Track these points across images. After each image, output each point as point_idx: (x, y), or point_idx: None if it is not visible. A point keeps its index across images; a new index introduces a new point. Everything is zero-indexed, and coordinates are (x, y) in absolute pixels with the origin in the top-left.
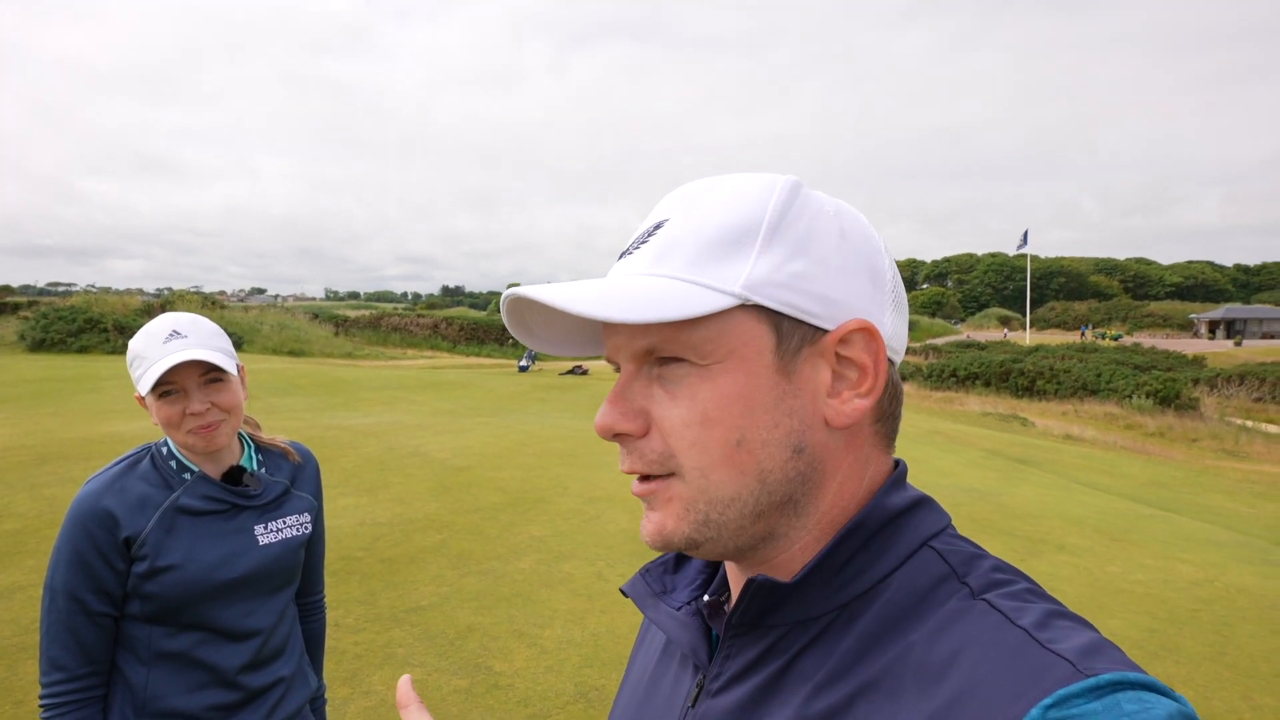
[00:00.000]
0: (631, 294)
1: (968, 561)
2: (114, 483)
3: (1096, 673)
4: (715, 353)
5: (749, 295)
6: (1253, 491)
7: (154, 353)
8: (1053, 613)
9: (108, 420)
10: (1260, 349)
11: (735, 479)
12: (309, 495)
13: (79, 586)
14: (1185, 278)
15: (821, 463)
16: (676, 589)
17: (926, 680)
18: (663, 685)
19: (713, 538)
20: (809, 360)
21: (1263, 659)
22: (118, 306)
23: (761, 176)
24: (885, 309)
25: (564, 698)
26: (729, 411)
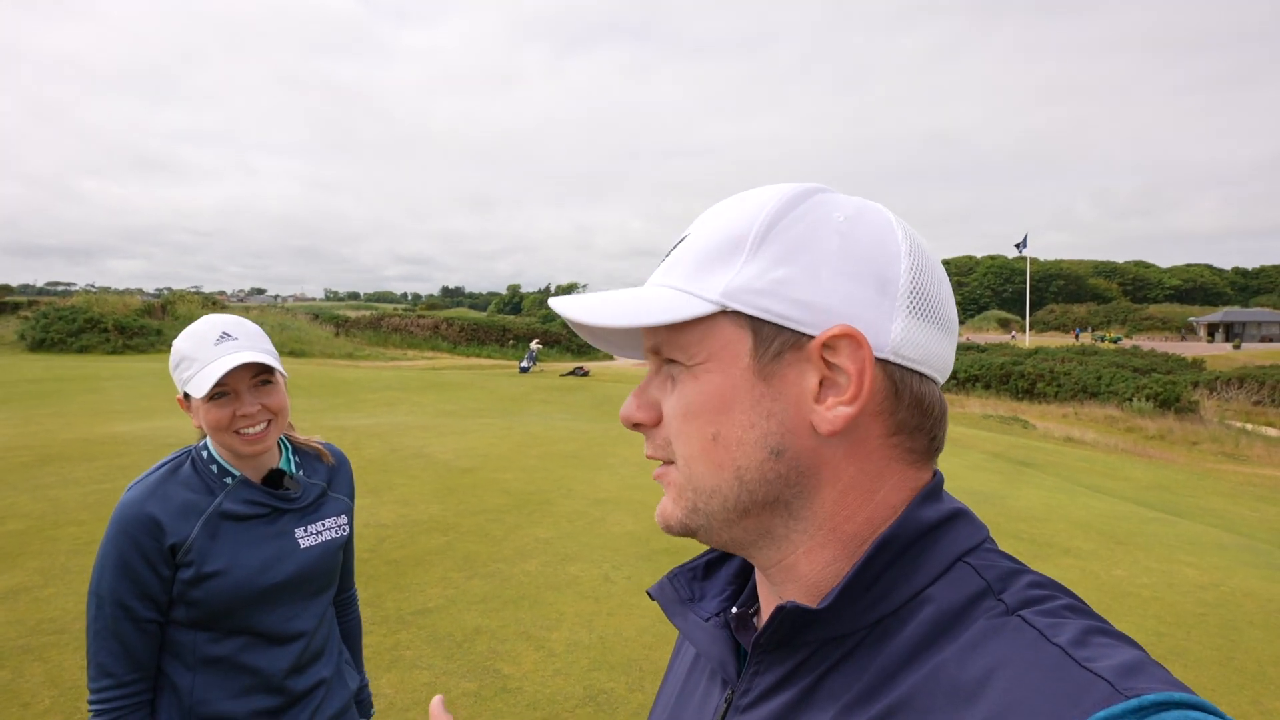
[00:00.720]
0: (633, 303)
1: (1005, 577)
2: (157, 489)
3: (1138, 693)
4: (699, 354)
5: (726, 302)
6: (1255, 495)
7: (205, 354)
8: (1092, 629)
9: (109, 421)
10: (1259, 352)
11: (714, 472)
12: (344, 497)
13: (125, 593)
14: (1184, 281)
15: (810, 468)
16: (705, 597)
17: (959, 701)
18: (694, 697)
19: (704, 526)
20: (793, 365)
21: (1271, 663)
22: (118, 306)
23: (772, 188)
24: (894, 316)
25: (573, 701)
26: (706, 408)
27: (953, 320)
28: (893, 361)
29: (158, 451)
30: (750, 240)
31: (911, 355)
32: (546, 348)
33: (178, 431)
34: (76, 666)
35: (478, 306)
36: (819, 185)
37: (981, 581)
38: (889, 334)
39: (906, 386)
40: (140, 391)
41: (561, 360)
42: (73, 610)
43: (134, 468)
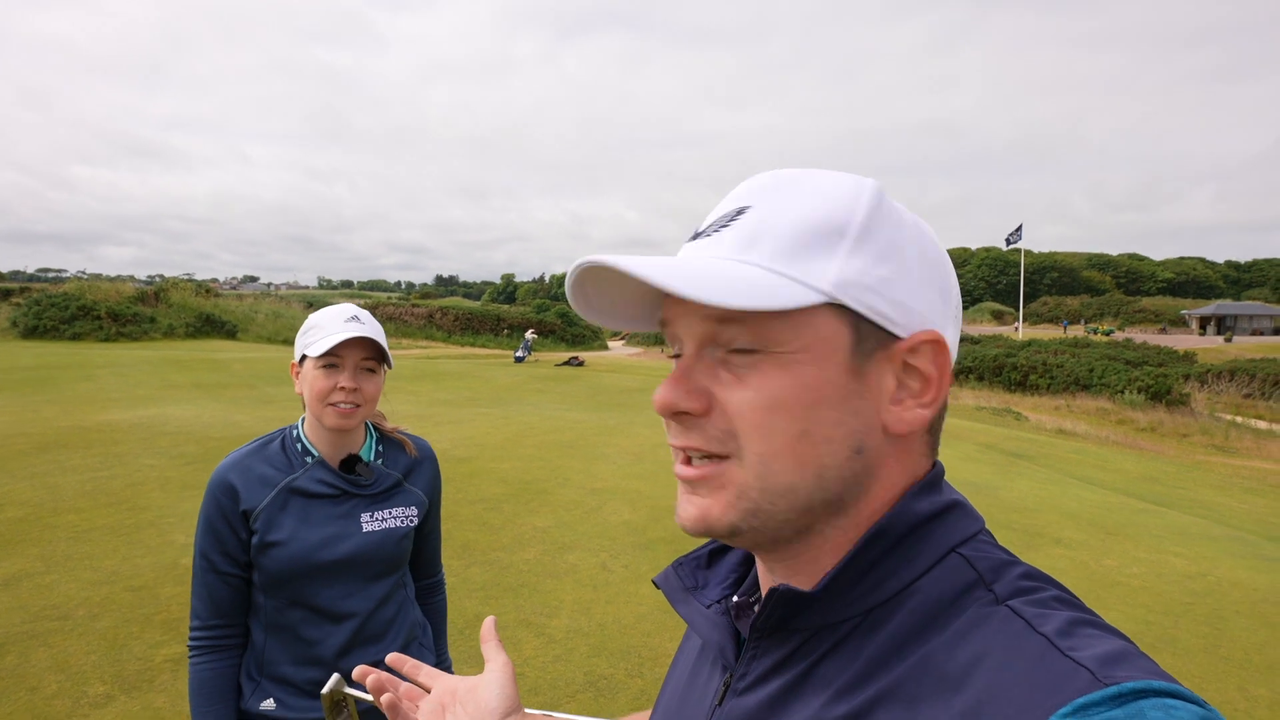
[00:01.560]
0: (723, 279)
1: (996, 568)
2: (243, 460)
3: (1117, 681)
4: (792, 344)
5: (836, 295)
6: (1243, 487)
7: (333, 327)
8: (1078, 620)
9: (104, 409)
10: (1250, 345)
11: (794, 470)
12: (420, 491)
13: (209, 548)
14: (1177, 274)
15: (875, 467)
16: (708, 585)
17: (946, 688)
18: (697, 682)
19: (756, 528)
20: (879, 365)
21: (1256, 651)
22: (111, 294)
23: (847, 176)
24: (949, 324)
25: (573, 686)
26: (798, 401)
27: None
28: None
29: (154, 439)
30: (854, 232)
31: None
32: (541, 337)
33: (173, 419)
34: (81, 651)
35: (472, 296)
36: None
37: (973, 573)
38: (950, 340)
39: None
40: (135, 379)
41: (556, 350)
42: (75, 596)
43: (130, 455)
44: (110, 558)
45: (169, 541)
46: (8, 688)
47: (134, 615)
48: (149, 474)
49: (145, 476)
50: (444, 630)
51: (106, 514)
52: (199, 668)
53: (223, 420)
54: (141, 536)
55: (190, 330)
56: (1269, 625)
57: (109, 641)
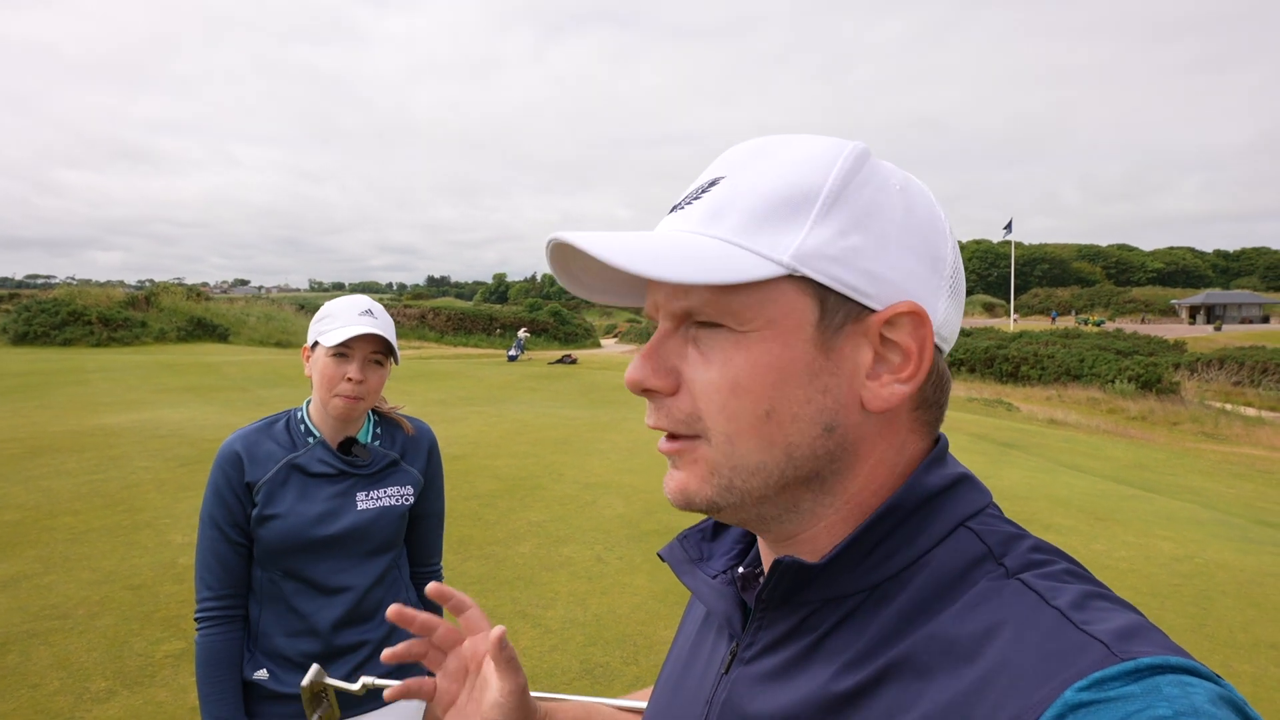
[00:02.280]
0: (679, 252)
1: (1006, 542)
2: (250, 435)
3: (1133, 656)
4: (754, 320)
5: (797, 266)
6: (1232, 472)
7: (347, 318)
8: (1091, 594)
9: (97, 413)
10: (1239, 333)
11: (761, 449)
12: (416, 470)
13: (219, 517)
14: (1167, 264)
15: (853, 444)
16: (714, 557)
17: (957, 659)
18: (702, 651)
19: (735, 503)
20: (851, 339)
21: (1240, 629)
22: (101, 299)
23: (826, 140)
24: (940, 295)
25: (569, 675)
26: (761, 381)
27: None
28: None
29: (148, 443)
30: (822, 199)
31: (945, 334)
32: (534, 336)
33: (167, 422)
34: (82, 650)
35: (464, 296)
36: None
37: (983, 546)
38: (937, 313)
39: (935, 363)
40: (127, 384)
41: (549, 348)
42: (75, 597)
43: (125, 459)
44: (108, 558)
45: (166, 541)
46: (10, 686)
47: (134, 613)
48: (144, 476)
49: (141, 478)
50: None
51: (103, 516)
52: (210, 638)
53: (216, 423)
54: (139, 537)
55: (182, 334)
56: (1254, 605)
57: (109, 639)
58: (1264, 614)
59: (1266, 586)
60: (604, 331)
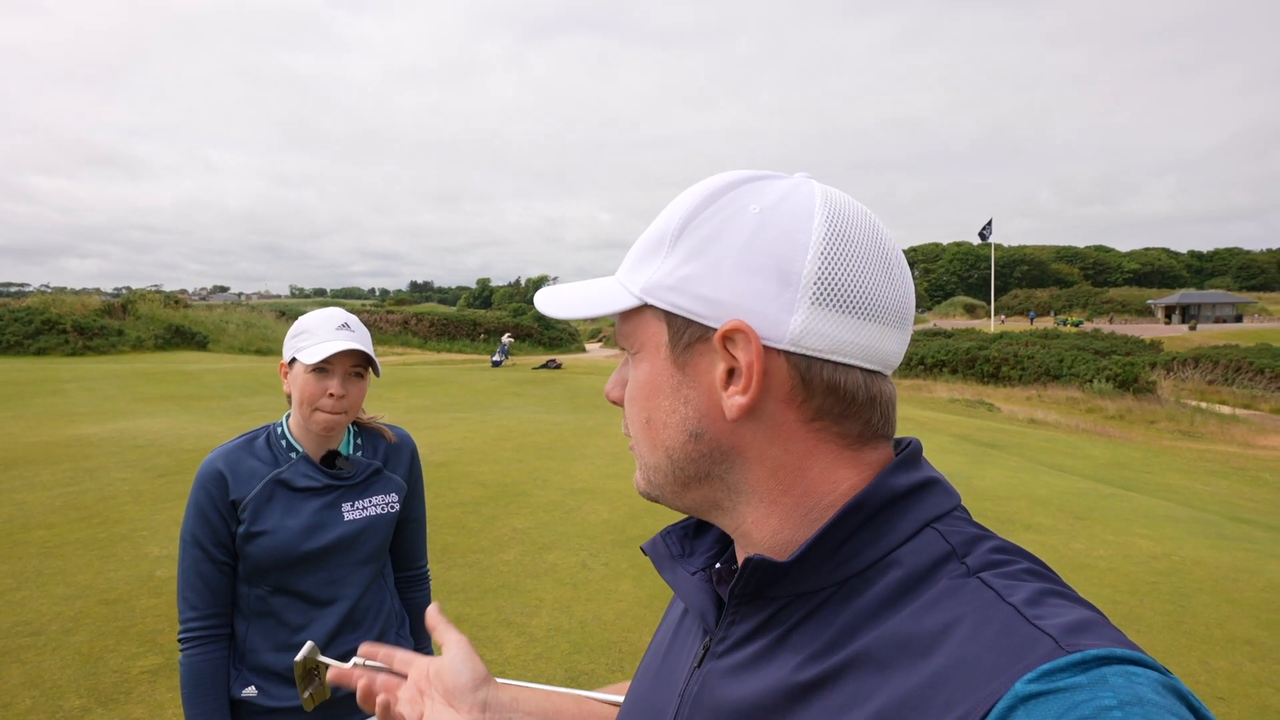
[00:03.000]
0: (580, 295)
1: (969, 542)
2: (232, 452)
3: (1081, 648)
4: (634, 344)
5: (644, 296)
6: (1207, 470)
7: (325, 333)
8: (1047, 591)
9: (73, 423)
10: (1214, 333)
11: (651, 451)
12: (399, 477)
13: (202, 536)
14: (1143, 264)
15: (731, 449)
16: (695, 554)
17: (915, 654)
18: (678, 645)
19: (659, 496)
20: (704, 356)
21: (1216, 626)
22: (76, 307)
23: (712, 178)
24: (794, 308)
25: (554, 682)
26: (641, 394)
27: (884, 308)
28: (795, 352)
29: (125, 453)
30: (669, 236)
31: (817, 345)
32: (518, 341)
33: (145, 432)
34: (55, 668)
35: (447, 301)
36: (758, 173)
37: (947, 546)
38: (788, 326)
39: (815, 376)
40: (104, 393)
41: (534, 353)
42: (48, 612)
43: (101, 470)
44: (83, 572)
45: (143, 554)
46: None
47: (109, 628)
48: (121, 487)
49: (117, 490)
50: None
51: (78, 528)
52: (195, 659)
53: (196, 432)
54: (115, 550)
55: (160, 342)
56: (1230, 601)
57: (84, 655)
58: (1239, 610)
59: (1241, 582)
60: (588, 336)
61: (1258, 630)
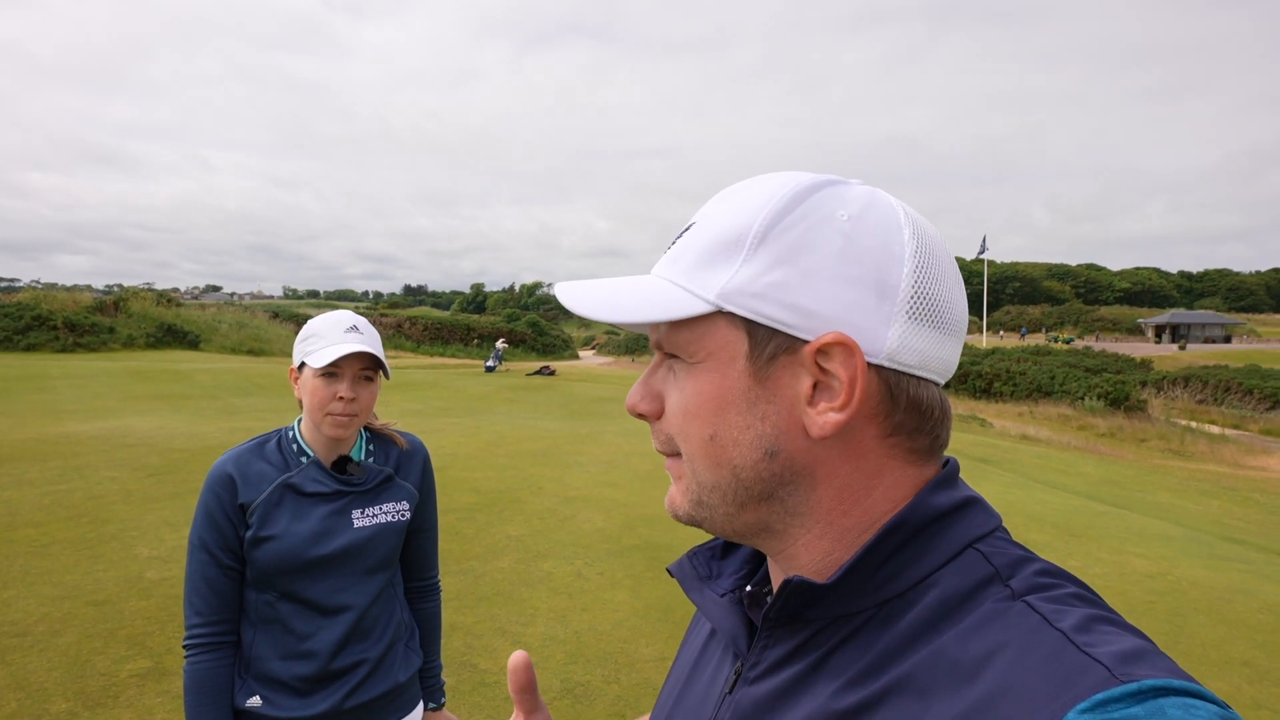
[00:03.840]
0: (630, 296)
1: (1014, 564)
2: (242, 456)
3: (1136, 678)
4: (698, 353)
5: (722, 303)
6: (1199, 489)
7: (333, 336)
8: (1096, 617)
9: (61, 420)
10: (1203, 353)
11: (712, 469)
12: (411, 485)
13: (210, 540)
14: (1133, 283)
15: (805, 468)
16: (722, 575)
17: (959, 679)
18: (705, 670)
19: (707, 518)
20: (788, 369)
21: (1213, 647)
22: (67, 303)
23: (779, 178)
24: (891, 322)
25: (550, 694)
26: (705, 408)
27: (959, 321)
28: (888, 367)
29: (115, 451)
30: (750, 239)
31: (908, 360)
32: (512, 347)
33: (135, 431)
34: (41, 669)
35: (441, 305)
36: (830, 177)
37: (990, 568)
38: (885, 340)
39: (903, 391)
40: (93, 391)
41: (527, 359)
42: (35, 613)
43: (89, 469)
44: (71, 572)
45: (133, 555)
46: None
47: (97, 630)
48: (110, 486)
49: (107, 489)
50: (438, 635)
51: (66, 528)
52: (199, 667)
53: (186, 432)
54: (104, 550)
55: (151, 341)
56: (1225, 622)
57: (70, 658)
58: (1235, 631)
59: (1236, 604)
60: (582, 343)
61: (1254, 652)
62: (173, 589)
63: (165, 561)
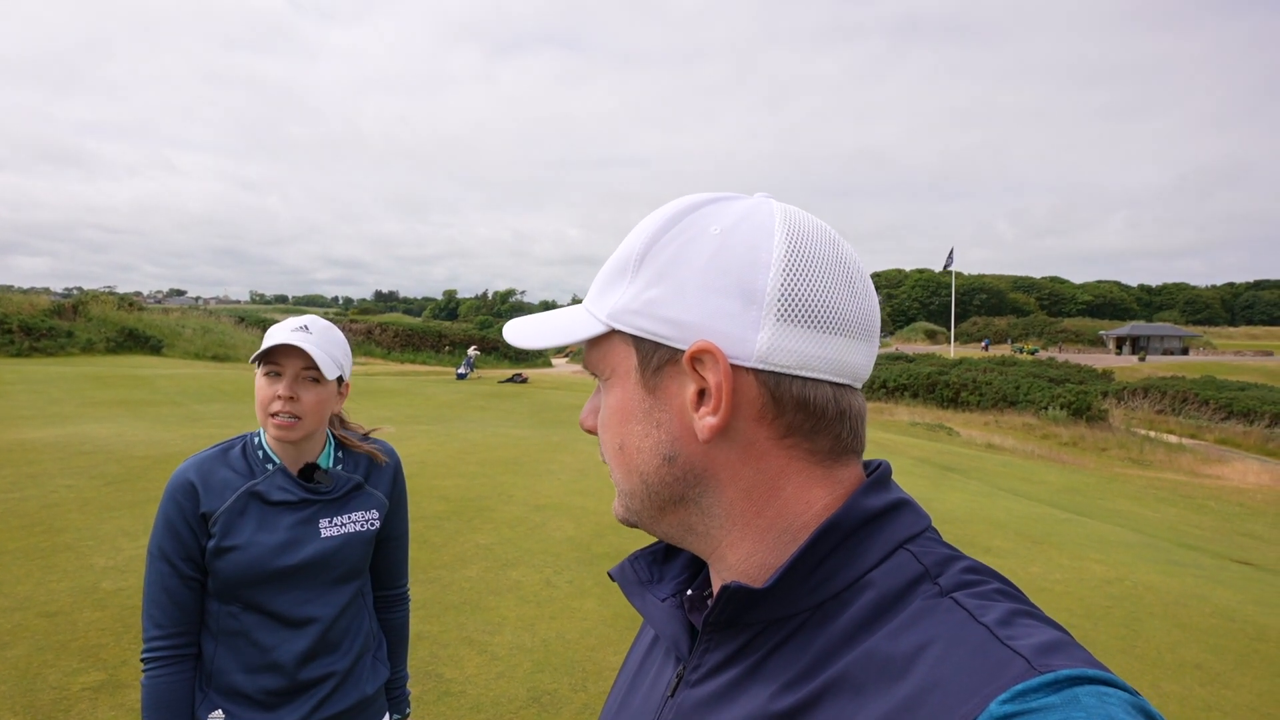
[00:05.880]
0: (550, 323)
1: (942, 563)
2: (205, 463)
3: (1054, 668)
4: (604, 370)
5: (611, 323)
6: (1156, 497)
7: (278, 334)
8: (1018, 611)
9: (16, 427)
10: (1162, 364)
11: (626, 477)
12: (381, 493)
13: (170, 550)
14: (1095, 296)
15: (705, 470)
16: (664, 580)
17: (891, 676)
18: (649, 674)
19: (637, 521)
20: (674, 378)
21: (1168, 650)
22: (24, 306)
23: (672, 203)
24: (760, 325)
25: (516, 703)
26: (612, 420)
27: (849, 321)
28: (764, 370)
29: (72, 459)
30: (633, 260)
31: (784, 362)
32: (484, 354)
33: (93, 438)
34: None
35: (412, 312)
36: (717, 196)
37: (920, 567)
38: (754, 344)
39: (786, 392)
40: (50, 396)
41: (499, 367)
42: None
43: (45, 476)
44: (23, 583)
45: (88, 565)
46: None
47: (48, 643)
48: (66, 495)
49: (62, 498)
50: (404, 646)
51: (19, 537)
52: (158, 681)
53: (147, 439)
54: (57, 560)
55: (112, 345)
56: (1180, 626)
57: (20, 671)
58: (1189, 635)
59: (1190, 608)
60: (555, 351)
61: (1207, 655)
62: (129, 600)
63: (122, 572)
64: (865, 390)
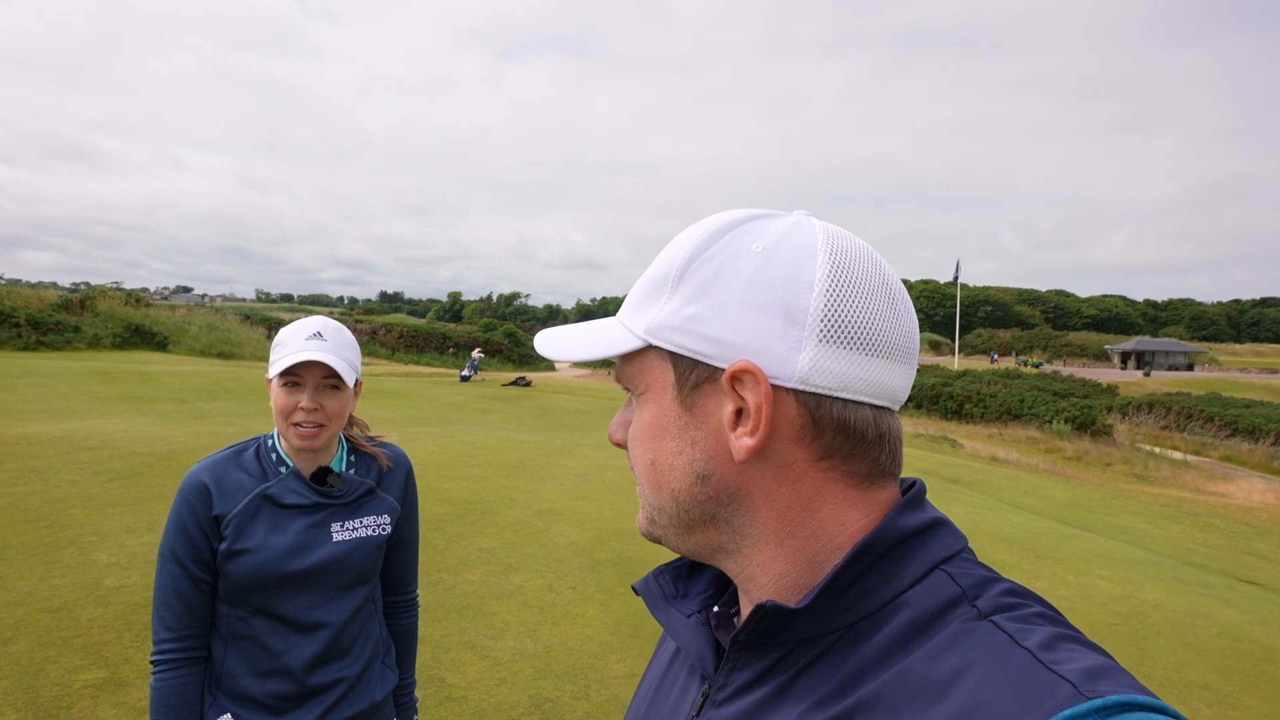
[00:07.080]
0: (584, 335)
1: (980, 584)
2: (218, 465)
3: (1101, 694)
4: (639, 386)
5: (649, 338)
6: (1161, 514)
7: (294, 345)
8: (1061, 635)
9: (22, 421)
10: (1167, 380)
11: (656, 493)
12: (393, 498)
13: (182, 552)
14: (1100, 310)
15: (738, 491)
16: (689, 595)
17: (927, 699)
18: (671, 691)
19: (662, 537)
20: (712, 396)
21: (1175, 669)
22: (31, 300)
23: (706, 220)
24: (802, 346)
25: (518, 709)
26: (646, 436)
27: (891, 343)
28: (805, 390)
29: (76, 454)
30: (673, 276)
31: (826, 383)
32: (488, 357)
33: (98, 433)
34: None
35: (417, 313)
36: (757, 212)
37: (957, 588)
38: (796, 364)
39: (826, 414)
40: (56, 390)
41: (503, 370)
42: None
43: (50, 471)
44: (26, 578)
45: (91, 561)
46: None
47: (51, 639)
48: (70, 490)
49: (66, 493)
50: (413, 652)
51: (22, 532)
52: (168, 683)
53: (151, 435)
54: (60, 556)
55: (118, 341)
56: (1186, 645)
57: (22, 667)
58: (1195, 655)
59: (1197, 627)
60: None
61: (1214, 675)
62: (132, 597)
63: (125, 568)
64: None
